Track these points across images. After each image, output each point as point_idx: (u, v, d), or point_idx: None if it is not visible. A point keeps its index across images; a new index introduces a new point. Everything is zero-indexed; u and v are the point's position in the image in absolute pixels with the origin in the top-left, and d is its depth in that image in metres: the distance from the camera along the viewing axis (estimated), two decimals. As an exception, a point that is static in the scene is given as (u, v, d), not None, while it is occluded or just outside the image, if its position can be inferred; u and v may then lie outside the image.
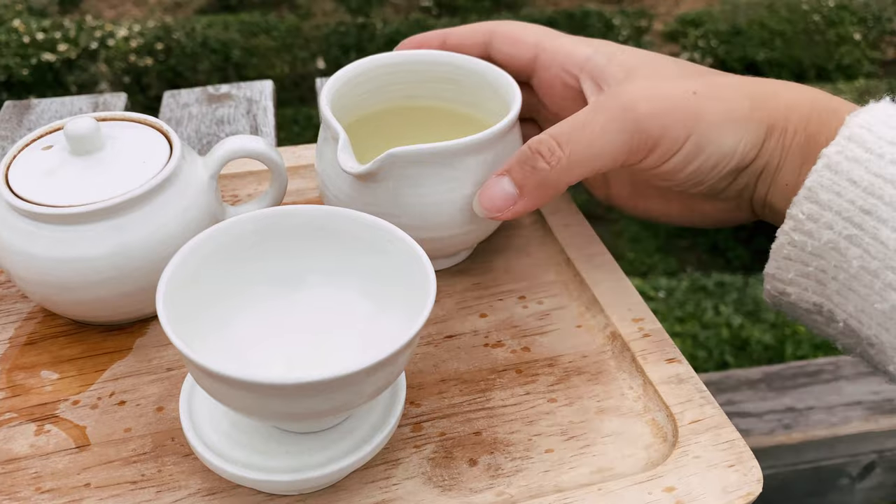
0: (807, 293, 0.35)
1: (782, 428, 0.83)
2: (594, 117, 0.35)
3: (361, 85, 0.44)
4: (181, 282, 0.31)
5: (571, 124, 0.35)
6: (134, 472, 0.33)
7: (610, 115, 0.35)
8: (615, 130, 0.35)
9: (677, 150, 0.36)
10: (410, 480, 0.33)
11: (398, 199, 0.38)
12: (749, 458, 0.33)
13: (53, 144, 0.39)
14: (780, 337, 1.66)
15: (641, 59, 0.39)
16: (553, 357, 0.38)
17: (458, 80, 0.44)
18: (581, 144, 0.35)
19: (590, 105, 0.36)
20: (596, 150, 0.35)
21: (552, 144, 0.35)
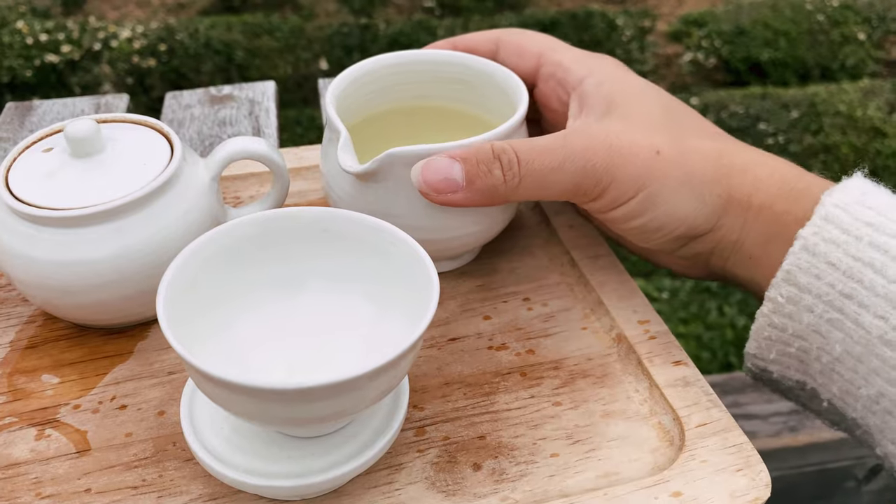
0: (789, 371, 0.35)
1: (788, 430, 0.83)
2: (557, 149, 0.35)
3: (368, 85, 0.43)
4: (182, 285, 0.31)
5: (537, 148, 0.35)
6: (135, 477, 0.33)
7: (569, 151, 0.35)
8: (570, 170, 0.35)
9: (623, 203, 0.36)
10: (413, 485, 0.32)
11: (399, 200, 0.37)
12: (757, 462, 0.33)
13: (54, 146, 0.39)
14: (785, 338, 1.65)
15: (627, 96, 0.38)
16: (558, 360, 0.38)
17: (467, 81, 0.44)
18: (536, 173, 0.35)
19: (562, 133, 0.36)
20: (547, 183, 0.35)
21: (513, 159, 0.35)
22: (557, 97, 0.41)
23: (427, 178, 0.35)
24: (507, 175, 0.35)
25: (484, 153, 0.35)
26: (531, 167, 0.35)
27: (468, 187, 0.35)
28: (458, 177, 0.35)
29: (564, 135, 0.36)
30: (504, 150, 0.35)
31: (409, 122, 0.46)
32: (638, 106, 0.37)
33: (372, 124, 0.44)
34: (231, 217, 0.41)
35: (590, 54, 0.41)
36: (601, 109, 0.37)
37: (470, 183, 0.35)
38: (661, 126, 0.37)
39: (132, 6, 3.40)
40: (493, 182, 0.35)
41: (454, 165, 0.35)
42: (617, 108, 0.37)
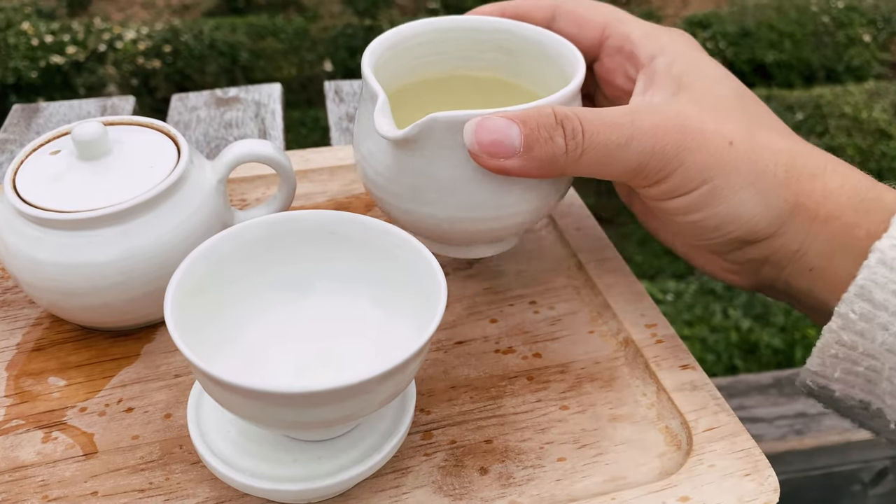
0: (854, 390, 0.33)
1: (794, 433, 0.82)
2: (625, 123, 0.32)
3: (409, 51, 0.40)
4: (189, 288, 0.31)
5: (604, 119, 0.32)
6: (142, 480, 0.33)
7: (638, 127, 0.32)
8: (636, 149, 0.32)
9: (685, 193, 0.33)
10: (420, 489, 0.32)
11: (441, 171, 0.34)
12: (765, 467, 0.33)
13: (61, 149, 0.39)
14: (790, 341, 1.65)
15: (700, 78, 0.35)
16: (565, 363, 0.38)
17: (513, 50, 0.40)
18: (600, 147, 0.32)
19: (630, 106, 0.34)
20: (610, 159, 0.33)
21: (577, 128, 0.32)
22: (624, 73, 0.38)
23: (481, 137, 0.32)
24: (569, 144, 0.32)
25: (546, 117, 0.32)
26: (596, 139, 0.32)
27: (525, 153, 0.32)
28: (516, 140, 0.32)
29: (631, 110, 0.33)
30: (568, 116, 0.32)
31: (447, 93, 0.42)
32: (711, 91, 0.35)
33: (408, 94, 0.41)
34: (238, 220, 0.41)
35: (660, 28, 0.38)
36: (671, 90, 0.35)
37: (528, 149, 0.32)
38: (735, 115, 0.34)
39: (137, 7, 3.41)
40: (554, 150, 0.32)
41: (512, 127, 0.32)
42: (688, 91, 0.35)
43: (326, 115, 0.64)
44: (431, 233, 0.37)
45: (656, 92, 0.35)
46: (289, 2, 3.37)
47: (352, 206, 0.48)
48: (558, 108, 0.33)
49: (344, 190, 0.50)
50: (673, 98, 0.34)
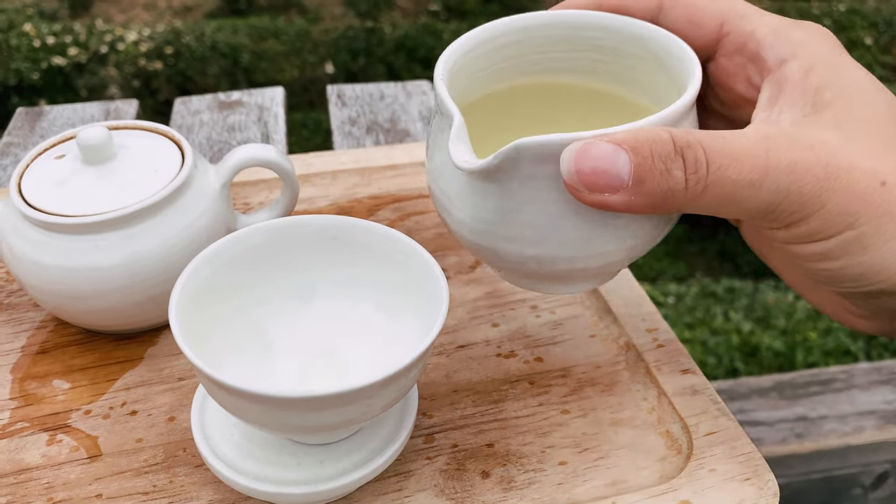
0: None
1: (794, 437, 0.83)
2: (758, 155, 0.26)
3: (485, 56, 0.34)
4: (194, 292, 0.31)
5: (734, 149, 0.27)
6: (146, 482, 0.33)
7: (774, 163, 0.26)
8: (770, 188, 0.26)
9: (823, 238, 0.27)
10: (423, 493, 0.33)
11: (528, 206, 0.29)
12: (765, 472, 0.33)
13: (66, 153, 0.39)
14: (791, 343, 1.65)
15: (844, 92, 0.29)
16: (566, 367, 0.38)
17: (612, 49, 0.34)
18: (726, 183, 0.26)
19: (762, 132, 0.27)
20: (736, 198, 0.27)
21: (700, 159, 0.26)
22: (746, 78, 0.32)
23: (581, 167, 0.26)
24: (689, 179, 0.26)
25: (662, 144, 0.26)
26: (722, 175, 0.26)
27: (635, 188, 0.26)
28: (624, 171, 0.26)
29: (766, 136, 0.27)
30: (690, 144, 0.26)
31: (532, 106, 0.37)
32: (859, 109, 0.28)
33: (484, 108, 0.35)
34: (241, 224, 0.42)
35: (792, 23, 0.31)
36: (806, 107, 0.29)
37: (639, 182, 0.26)
38: (890, 143, 0.28)
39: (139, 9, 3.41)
40: (671, 185, 0.26)
41: (620, 155, 0.26)
42: (831, 110, 0.28)
43: (328, 117, 0.64)
44: (513, 268, 0.32)
45: (787, 108, 0.29)
46: (290, 3, 3.38)
47: (354, 210, 0.49)
48: (678, 133, 0.27)
49: (346, 194, 0.50)
50: (810, 120, 0.28)
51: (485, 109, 0.35)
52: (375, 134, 0.62)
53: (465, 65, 0.33)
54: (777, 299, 1.85)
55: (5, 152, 0.58)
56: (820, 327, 1.72)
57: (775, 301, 1.84)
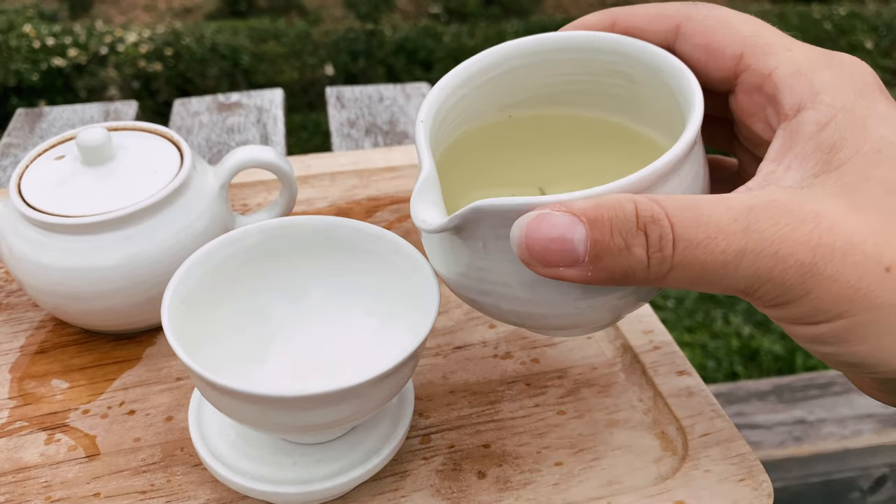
0: None
1: (793, 440, 0.83)
2: (735, 233, 0.23)
3: (486, 85, 0.32)
4: (187, 292, 0.31)
5: (706, 224, 0.23)
6: (143, 481, 0.33)
7: (754, 241, 0.23)
8: (747, 270, 0.23)
9: (813, 323, 0.24)
10: (419, 493, 0.33)
11: (493, 264, 0.27)
12: (759, 472, 0.33)
13: (65, 154, 0.39)
14: (791, 347, 1.66)
15: (862, 150, 0.25)
16: (562, 369, 0.38)
17: (624, 75, 0.31)
18: (695, 265, 0.23)
19: (745, 202, 0.24)
20: (708, 279, 0.24)
21: (666, 235, 0.23)
22: (765, 119, 0.28)
23: (533, 241, 0.24)
24: (652, 258, 0.24)
25: (624, 218, 0.24)
26: (690, 255, 0.23)
27: (592, 264, 0.24)
28: (580, 247, 0.24)
29: (750, 208, 0.23)
30: (655, 218, 0.23)
31: (536, 138, 0.34)
32: (879, 173, 0.24)
33: (484, 141, 0.33)
34: (239, 224, 0.42)
35: (824, 59, 0.27)
36: (817, 166, 0.25)
37: (595, 259, 0.24)
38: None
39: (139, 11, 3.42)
40: (631, 264, 0.24)
41: (576, 228, 0.24)
42: (840, 171, 0.25)
43: (327, 119, 0.64)
44: (499, 319, 0.30)
45: (796, 164, 0.25)
46: (290, 5, 3.39)
47: (352, 211, 0.49)
48: (644, 204, 0.24)
49: (345, 195, 0.50)
50: (818, 182, 0.25)
51: (482, 142, 0.33)
52: (374, 136, 0.62)
53: (467, 93, 0.31)
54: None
55: (5, 153, 0.58)
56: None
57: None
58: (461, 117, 0.32)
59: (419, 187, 0.27)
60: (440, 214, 0.26)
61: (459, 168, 0.32)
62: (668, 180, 0.26)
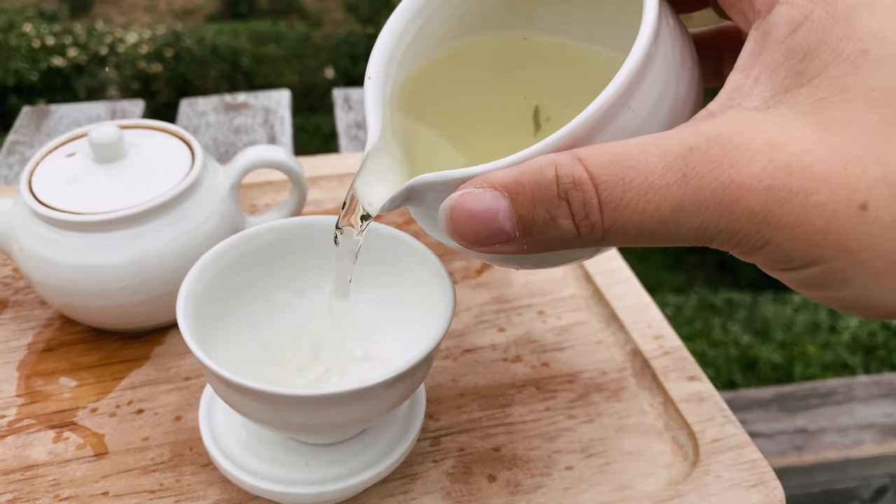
0: None
1: (794, 449, 0.83)
2: (669, 185, 0.20)
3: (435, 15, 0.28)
4: (201, 291, 0.31)
5: (635, 179, 0.20)
6: (152, 481, 0.33)
7: (693, 190, 0.20)
8: (689, 224, 0.20)
9: (788, 269, 0.21)
10: (429, 495, 0.33)
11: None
12: (771, 479, 0.33)
13: (77, 151, 0.39)
14: (789, 357, 1.66)
15: (843, 54, 0.20)
16: (573, 373, 0.38)
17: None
18: (629, 224, 0.21)
19: (685, 141, 0.20)
20: (648, 237, 0.21)
21: (591, 200, 0.21)
22: (743, 15, 0.23)
23: (459, 225, 0.22)
24: (581, 226, 0.21)
25: (544, 186, 0.21)
26: (621, 216, 0.21)
27: (524, 238, 0.22)
28: (506, 224, 0.22)
29: (688, 149, 0.20)
30: (576, 182, 0.21)
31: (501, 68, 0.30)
32: (858, 81, 0.20)
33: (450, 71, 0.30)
34: (249, 224, 0.42)
35: None
36: (786, 79, 0.21)
37: (525, 233, 0.22)
38: (888, 143, 0.20)
39: (139, 11, 3.42)
40: (561, 236, 0.22)
41: (500, 204, 0.22)
42: (815, 83, 0.21)
43: (328, 122, 0.64)
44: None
45: (764, 75, 0.22)
46: (291, 8, 3.39)
47: (361, 213, 0.49)
48: (565, 167, 0.21)
49: (353, 197, 0.50)
50: (778, 105, 0.21)
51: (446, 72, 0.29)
52: (381, 138, 0.62)
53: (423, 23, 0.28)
54: (776, 312, 1.85)
55: (11, 151, 0.58)
56: (818, 341, 1.72)
57: (774, 314, 1.84)
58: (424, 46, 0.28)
59: (363, 162, 0.25)
60: (388, 189, 0.25)
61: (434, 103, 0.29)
62: (614, 120, 0.22)
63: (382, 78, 0.26)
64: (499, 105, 0.31)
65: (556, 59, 0.30)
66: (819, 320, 1.82)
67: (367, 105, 0.26)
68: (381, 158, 0.25)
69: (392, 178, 0.25)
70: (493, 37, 0.30)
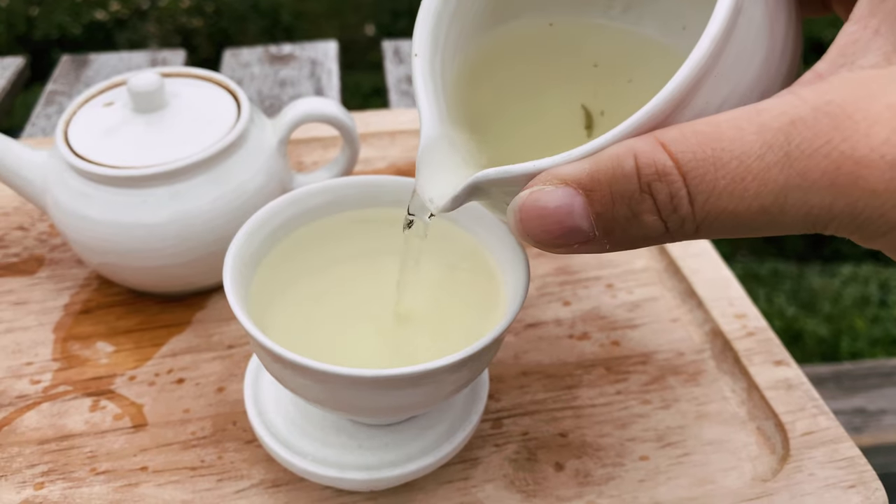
0: None
1: (851, 430, 0.79)
2: (769, 167, 0.17)
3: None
4: (250, 256, 0.28)
5: (730, 164, 0.18)
6: (193, 457, 0.31)
7: (797, 175, 0.17)
8: (794, 211, 0.18)
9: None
10: (491, 483, 0.30)
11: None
12: (872, 479, 0.30)
13: (115, 101, 0.36)
14: (836, 331, 1.60)
15: None
16: (646, 353, 0.35)
17: None
18: (726, 217, 0.18)
19: (787, 115, 0.17)
20: (750, 228, 0.19)
21: (679, 193, 0.18)
22: None
23: (530, 227, 0.20)
24: (669, 222, 0.19)
25: (621, 180, 0.19)
26: (714, 207, 0.18)
27: (605, 237, 0.20)
28: (583, 223, 0.19)
29: (790, 122, 0.17)
30: (661, 173, 0.18)
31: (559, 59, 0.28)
32: None
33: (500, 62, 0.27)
34: (299, 183, 0.39)
35: None
36: (888, 46, 0.18)
37: (606, 232, 0.19)
38: None
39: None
40: (647, 234, 0.19)
41: (575, 202, 0.19)
42: None
43: (368, 79, 0.61)
44: None
45: (884, 29, 0.18)
46: (332, -37, 3.32)
47: (413, 173, 0.46)
48: (645, 156, 0.18)
49: (404, 156, 0.47)
50: (887, 65, 0.18)
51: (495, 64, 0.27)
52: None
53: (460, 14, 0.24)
54: (823, 284, 1.79)
55: (50, 101, 0.56)
56: (867, 315, 1.67)
57: (821, 286, 1.78)
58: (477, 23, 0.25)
59: (420, 155, 0.22)
60: (451, 184, 0.22)
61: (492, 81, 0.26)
62: (696, 94, 0.19)
63: (430, 52, 0.23)
64: (564, 91, 0.28)
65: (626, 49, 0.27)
66: (868, 294, 1.76)
67: (418, 87, 0.23)
68: (440, 149, 0.23)
69: (454, 171, 0.23)
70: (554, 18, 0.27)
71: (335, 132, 0.47)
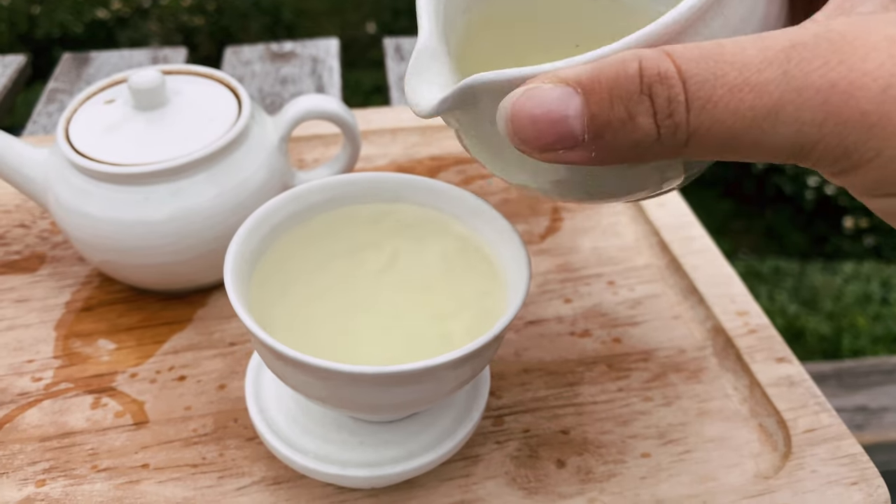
0: None
1: (853, 428, 0.79)
2: (769, 82, 0.18)
3: None
4: (251, 253, 0.28)
5: (729, 75, 0.18)
6: (194, 454, 0.31)
7: (793, 90, 0.18)
8: (784, 129, 0.18)
9: (891, 195, 0.19)
10: (492, 480, 0.30)
11: (502, 143, 0.22)
12: (874, 476, 0.30)
13: (116, 98, 0.36)
14: (837, 328, 1.60)
15: None
16: (647, 351, 0.35)
17: None
18: (718, 127, 0.18)
19: (787, 37, 0.18)
20: (740, 144, 0.19)
21: (677, 96, 0.18)
22: None
23: (521, 123, 0.19)
24: (662, 126, 0.19)
25: (626, 81, 0.19)
26: (709, 116, 0.18)
27: (593, 142, 0.19)
28: (576, 123, 0.19)
29: (791, 44, 0.18)
30: (663, 75, 0.18)
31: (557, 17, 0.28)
32: None
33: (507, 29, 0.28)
34: (300, 180, 0.39)
35: None
36: None
37: (596, 136, 0.19)
38: None
39: (182, -37, 3.38)
40: (638, 138, 0.19)
41: (571, 102, 0.19)
42: None
43: (369, 77, 0.61)
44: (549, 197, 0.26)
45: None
46: (334, -39, 3.32)
47: (414, 171, 0.46)
48: (650, 59, 0.18)
49: (405, 154, 0.47)
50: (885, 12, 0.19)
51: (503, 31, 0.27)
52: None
53: None
54: (825, 282, 1.79)
55: (51, 98, 0.56)
56: (869, 312, 1.67)
57: (823, 284, 1.78)
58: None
59: (413, 61, 0.22)
60: (439, 93, 0.22)
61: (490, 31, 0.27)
62: (705, 23, 0.20)
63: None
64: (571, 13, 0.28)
65: None
66: (870, 291, 1.76)
67: (420, 2, 0.24)
68: (433, 58, 0.23)
69: (444, 78, 0.23)
70: None
71: (336, 129, 0.47)
